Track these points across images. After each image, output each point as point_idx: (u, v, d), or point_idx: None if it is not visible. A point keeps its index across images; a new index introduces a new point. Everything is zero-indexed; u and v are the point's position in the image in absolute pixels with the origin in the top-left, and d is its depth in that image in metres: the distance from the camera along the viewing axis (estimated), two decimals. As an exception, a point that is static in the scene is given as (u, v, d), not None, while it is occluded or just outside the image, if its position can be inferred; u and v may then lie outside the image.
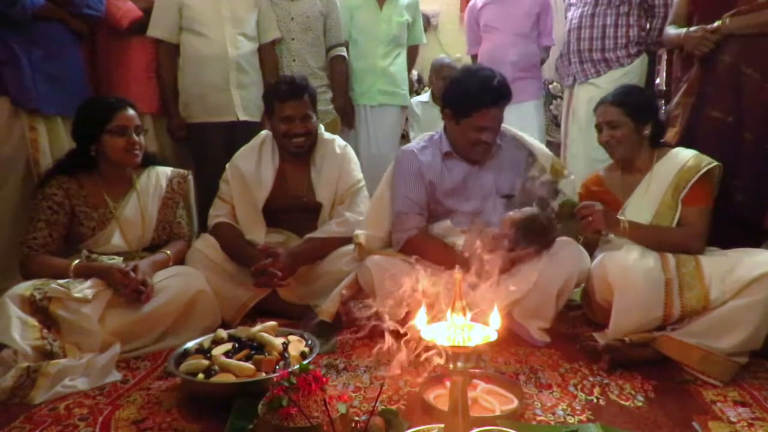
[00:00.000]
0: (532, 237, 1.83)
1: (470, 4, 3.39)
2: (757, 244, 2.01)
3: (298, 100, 2.23)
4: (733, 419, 1.44)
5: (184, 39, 2.67)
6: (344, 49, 3.06)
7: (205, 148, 2.70)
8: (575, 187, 2.14)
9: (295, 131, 2.24)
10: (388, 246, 2.12)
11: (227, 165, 2.36)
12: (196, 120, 2.70)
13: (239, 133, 2.65)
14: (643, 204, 1.97)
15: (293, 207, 2.34)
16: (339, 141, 2.41)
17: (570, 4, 2.92)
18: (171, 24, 2.64)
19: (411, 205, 2.05)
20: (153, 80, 2.71)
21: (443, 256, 1.90)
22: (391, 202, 2.12)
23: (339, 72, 3.05)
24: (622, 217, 1.92)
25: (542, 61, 3.35)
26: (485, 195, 2.07)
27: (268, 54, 2.85)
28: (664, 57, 2.86)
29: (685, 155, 1.96)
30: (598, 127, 2.08)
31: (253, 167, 2.31)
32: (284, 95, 2.23)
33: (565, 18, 3.05)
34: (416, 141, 2.21)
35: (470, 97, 1.96)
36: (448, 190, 2.07)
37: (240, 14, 2.70)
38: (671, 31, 2.31)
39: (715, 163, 1.90)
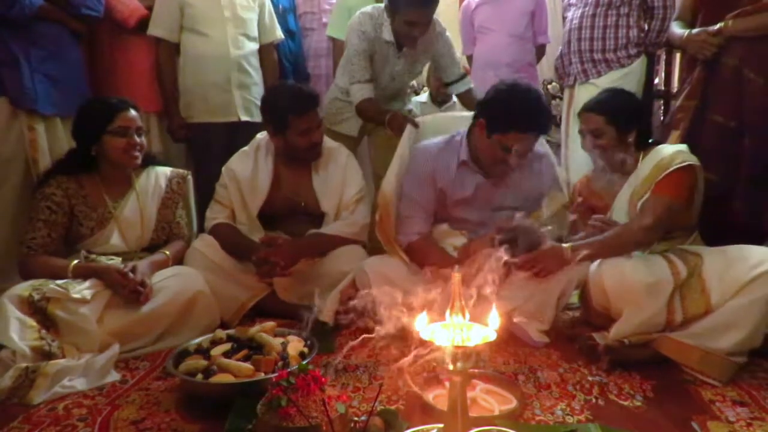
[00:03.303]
0: (525, 242, 1.82)
1: (464, 4, 3.38)
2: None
3: (314, 111, 2.22)
4: (732, 419, 1.44)
5: (185, 38, 2.66)
6: (469, 81, 2.80)
7: (206, 149, 2.70)
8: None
9: (314, 140, 2.23)
10: None
11: (223, 168, 2.35)
12: (197, 120, 2.70)
13: (240, 133, 2.65)
14: (624, 199, 1.94)
15: (290, 211, 2.34)
16: (342, 149, 2.41)
17: (569, 4, 2.92)
18: (172, 23, 2.64)
19: (417, 209, 2.04)
20: (157, 79, 2.70)
21: (441, 265, 1.89)
22: (400, 200, 2.07)
23: (469, 103, 2.72)
24: (565, 245, 1.85)
25: (538, 59, 3.34)
26: (493, 208, 2.05)
27: (268, 55, 2.84)
28: (663, 57, 2.87)
29: (666, 150, 1.90)
30: (582, 134, 2.02)
31: (249, 172, 2.30)
32: (302, 109, 2.17)
33: (563, 17, 3.06)
34: (436, 140, 2.13)
35: (511, 116, 1.86)
36: (458, 200, 2.04)
37: (241, 14, 2.70)
38: (676, 30, 2.30)
39: (694, 161, 1.82)
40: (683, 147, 1.91)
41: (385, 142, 2.83)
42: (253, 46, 2.77)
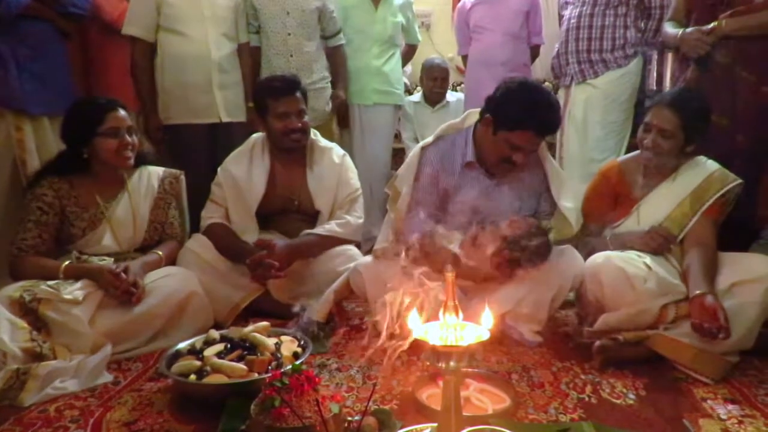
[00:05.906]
0: (520, 250, 1.80)
1: (459, 4, 3.40)
2: (746, 245, 2.03)
3: (292, 96, 2.24)
4: (724, 416, 1.45)
5: (162, 38, 2.59)
6: (343, 37, 3.02)
7: (186, 150, 2.64)
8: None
9: (292, 127, 2.24)
10: None
11: (219, 169, 2.34)
12: (176, 121, 2.64)
13: (221, 134, 2.62)
14: (658, 204, 1.94)
15: (284, 209, 2.34)
16: (337, 149, 2.41)
17: (566, 3, 2.91)
18: (148, 22, 2.56)
19: (418, 211, 2.03)
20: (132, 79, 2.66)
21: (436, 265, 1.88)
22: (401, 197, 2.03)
23: (340, 60, 3.03)
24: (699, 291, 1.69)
25: (532, 60, 3.35)
26: (498, 213, 2.03)
27: (245, 54, 2.80)
28: (655, 57, 2.88)
29: (711, 165, 1.93)
30: (647, 126, 1.95)
31: (245, 171, 2.29)
32: (278, 92, 2.24)
33: (560, 17, 3.06)
34: (442, 140, 2.04)
35: (520, 114, 1.82)
36: (462, 200, 2.00)
37: (221, 14, 2.64)
38: (669, 30, 2.32)
39: (740, 180, 1.88)
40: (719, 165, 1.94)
41: None
42: (233, 46, 2.71)
